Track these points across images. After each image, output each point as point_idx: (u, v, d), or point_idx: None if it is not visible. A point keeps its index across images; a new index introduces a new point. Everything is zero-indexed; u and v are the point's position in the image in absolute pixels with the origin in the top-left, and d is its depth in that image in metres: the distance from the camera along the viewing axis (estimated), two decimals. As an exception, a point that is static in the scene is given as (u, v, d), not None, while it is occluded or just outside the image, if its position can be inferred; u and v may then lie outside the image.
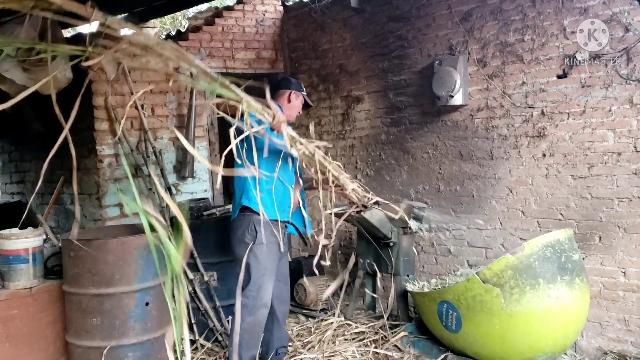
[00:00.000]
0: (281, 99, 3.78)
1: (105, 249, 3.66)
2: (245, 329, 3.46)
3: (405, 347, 4.04)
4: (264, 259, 3.56)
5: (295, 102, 3.81)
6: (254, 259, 3.54)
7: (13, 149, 6.12)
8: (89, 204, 4.85)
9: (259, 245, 3.54)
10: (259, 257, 3.55)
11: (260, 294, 3.53)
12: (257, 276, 3.54)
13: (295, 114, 3.88)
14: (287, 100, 3.80)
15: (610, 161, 3.83)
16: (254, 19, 5.80)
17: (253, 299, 3.52)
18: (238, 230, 3.61)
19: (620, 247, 3.81)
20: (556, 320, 3.35)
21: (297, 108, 3.85)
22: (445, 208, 4.74)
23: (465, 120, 4.57)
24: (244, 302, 3.48)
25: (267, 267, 3.57)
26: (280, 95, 3.80)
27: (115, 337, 3.68)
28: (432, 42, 4.75)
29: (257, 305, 3.52)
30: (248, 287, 3.53)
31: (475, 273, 3.49)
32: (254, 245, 3.53)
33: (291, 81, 3.90)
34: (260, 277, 3.55)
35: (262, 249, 3.55)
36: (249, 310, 3.50)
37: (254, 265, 3.54)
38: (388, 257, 4.39)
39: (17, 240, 3.86)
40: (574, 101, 3.96)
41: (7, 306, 3.80)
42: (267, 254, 3.57)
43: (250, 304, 3.51)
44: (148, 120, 4.90)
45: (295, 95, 3.81)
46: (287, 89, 3.81)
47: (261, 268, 3.55)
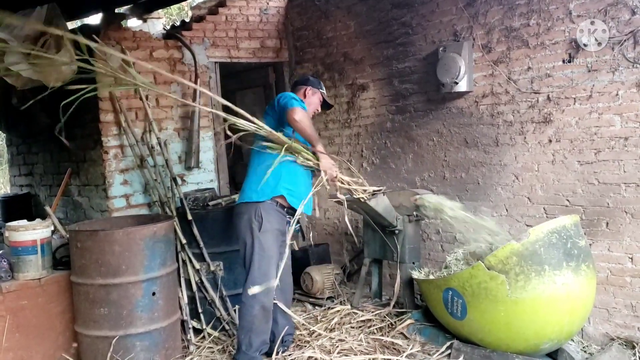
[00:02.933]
0: (298, 95, 3.92)
1: (112, 239, 3.69)
2: (255, 316, 3.61)
3: (411, 335, 4.05)
4: (269, 247, 3.63)
5: (311, 98, 3.97)
6: (259, 246, 3.62)
7: (21, 142, 6.16)
8: (96, 195, 4.88)
9: (265, 233, 3.61)
10: (263, 244, 3.62)
11: (267, 282, 3.60)
12: (262, 263, 3.62)
13: (313, 111, 4.02)
14: (303, 96, 3.95)
15: (617, 146, 3.79)
16: (258, 7, 5.78)
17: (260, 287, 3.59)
18: (244, 215, 3.67)
19: (627, 232, 3.78)
20: (562, 307, 3.33)
21: (313, 105, 4.00)
22: (450, 195, 4.72)
23: (470, 107, 4.54)
24: (253, 290, 3.57)
25: (271, 254, 3.64)
26: (297, 90, 3.99)
27: (123, 327, 3.72)
28: (436, 28, 4.71)
29: (264, 291, 3.59)
30: (254, 274, 3.61)
31: (480, 260, 3.48)
32: (259, 232, 3.61)
33: (309, 79, 4.09)
34: (266, 264, 3.62)
35: (267, 236, 3.62)
36: (257, 298, 3.58)
37: (259, 253, 3.61)
38: (394, 244, 4.39)
39: (25, 231, 3.90)
40: (580, 86, 3.91)
41: (16, 297, 3.84)
42: (271, 240, 3.64)
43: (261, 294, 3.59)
44: (153, 111, 4.91)
45: (312, 91, 3.99)
46: (303, 85, 4.00)
47: (266, 255, 3.63)
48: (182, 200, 4.63)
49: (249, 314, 3.61)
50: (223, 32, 5.53)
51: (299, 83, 4.08)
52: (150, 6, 5.43)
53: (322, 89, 4.06)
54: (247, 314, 3.63)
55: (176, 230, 4.34)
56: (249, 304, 3.62)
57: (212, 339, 4.30)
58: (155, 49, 5.03)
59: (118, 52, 4.77)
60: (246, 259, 3.68)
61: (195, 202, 4.74)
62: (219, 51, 5.50)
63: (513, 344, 3.46)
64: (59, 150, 5.38)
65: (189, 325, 4.28)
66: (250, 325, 3.62)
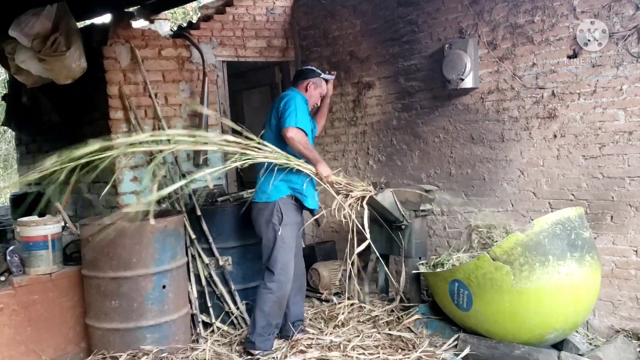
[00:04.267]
0: (300, 89, 4.12)
1: (123, 233, 3.74)
2: (275, 301, 3.92)
3: (418, 328, 4.08)
4: (289, 239, 3.92)
5: (313, 92, 4.14)
6: (281, 240, 3.88)
7: (30, 140, 6.22)
8: (106, 192, 4.93)
9: (285, 227, 3.88)
10: (284, 238, 3.89)
11: (287, 271, 3.92)
12: (283, 255, 3.89)
13: (313, 104, 4.21)
14: (305, 90, 4.12)
15: (621, 140, 3.82)
16: (265, 7, 5.84)
17: (282, 275, 3.89)
18: (265, 211, 3.93)
19: (632, 226, 3.81)
20: (566, 297, 3.37)
21: (314, 98, 4.19)
22: (456, 191, 4.76)
23: (476, 104, 4.58)
24: (274, 279, 3.89)
25: (291, 246, 3.93)
26: (299, 84, 4.15)
27: (134, 319, 3.78)
28: (442, 25, 4.76)
29: (285, 280, 3.91)
30: (276, 266, 3.88)
31: (485, 251, 3.52)
32: (281, 226, 3.88)
33: (313, 70, 4.23)
34: (287, 256, 3.90)
35: (287, 230, 3.90)
36: (278, 286, 3.89)
37: (280, 246, 3.89)
38: (400, 240, 4.42)
39: (36, 227, 3.97)
40: (585, 81, 3.95)
41: (28, 291, 3.91)
42: (290, 233, 3.92)
43: (282, 279, 3.90)
44: (162, 109, 4.97)
45: (314, 85, 4.15)
46: (306, 79, 4.15)
47: (287, 247, 3.90)
48: (191, 196, 4.69)
49: (269, 300, 3.88)
50: (230, 32, 5.59)
51: (301, 76, 4.19)
52: (157, 7, 5.50)
53: (320, 73, 4.20)
54: (267, 299, 3.89)
55: (185, 225, 4.39)
56: (268, 290, 3.90)
57: (220, 333, 4.34)
58: (163, 47, 5.09)
59: (127, 50, 4.85)
60: (267, 250, 3.95)
61: (204, 198, 4.80)
62: (227, 50, 5.56)
63: (518, 334, 3.49)
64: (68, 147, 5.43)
65: (198, 319, 4.33)
66: (269, 310, 3.89)
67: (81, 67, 4.41)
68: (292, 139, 3.78)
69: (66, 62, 4.31)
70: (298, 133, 3.80)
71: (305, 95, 4.09)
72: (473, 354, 3.62)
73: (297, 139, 3.78)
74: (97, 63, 4.72)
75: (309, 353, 3.78)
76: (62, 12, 4.34)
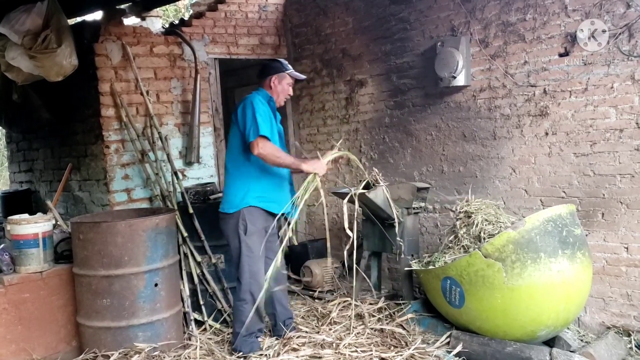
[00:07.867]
0: (265, 87, 3.92)
1: (114, 231, 3.73)
2: (251, 311, 3.78)
3: (410, 326, 4.09)
4: (256, 247, 3.79)
5: (278, 86, 3.91)
6: (247, 249, 3.79)
7: (21, 138, 6.19)
8: (97, 190, 4.91)
9: (251, 236, 3.78)
10: (251, 246, 3.79)
11: (257, 279, 3.81)
12: (251, 264, 3.81)
13: (284, 98, 3.98)
14: (269, 87, 3.92)
15: (612, 138, 3.84)
16: (257, 4, 5.82)
17: (252, 284, 3.80)
18: (230, 220, 3.82)
19: (622, 223, 3.83)
20: (558, 293, 3.38)
21: (283, 92, 3.95)
22: (449, 189, 4.77)
23: (468, 101, 4.59)
24: (245, 289, 3.81)
25: (258, 255, 3.81)
26: (263, 84, 3.94)
27: (125, 318, 3.76)
28: (434, 23, 4.76)
29: (256, 289, 3.79)
30: (244, 275, 3.80)
31: (477, 248, 3.53)
32: (245, 236, 3.77)
33: (272, 66, 3.96)
34: (255, 265, 3.81)
35: (254, 239, 3.79)
36: (251, 296, 3.80)
37: (247, 255, 3.79)
38: (393, 237, 4.43)
39: (27, 225, 3.94)
40: (576, 79, 3.97)
41: (18, 290, 3.88)
42: (257, 241, 3.80)
43: (253, 288, 3.80)
44: (153, 107, 4.95)
45: (278, 79, 3.91)
46: (267, 76, 3.92)
47: (254, 256, 3.80)
48: (183, 194, 4.68)
49: (247, 311, 3.80)
50: (222, 29, 5.58)
51: (262, 75, 3.94)
52: (149, 4, 5.46)
53: (288, 69, 3.95)
54: (244, 311, 3.81)
55: (178, 223, 4.37)
56: (243, 302, 3.83)
57: (213, 331, 4.34)
58: (155, 44, 5.07)
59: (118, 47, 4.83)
60: (235, 260, 3.88)
61: (196, 196, 4.78)
62: (219, 47, 5.54)
63: (510, 330, 3.51)
64: (59, 145, 5.41)
65: (190, 317, 4.32)
66: (247, 320, 3.78)
67: (72, 64, 4.38)
68: (262, 156, 3.62)
69: (57, 59, 4.28)
70: (265, 146, 3.61)
71: (270, 93, 3.90)
72: (465, 351, 3.63)
73: (265, 153, 3.60)
74: (88, 60, 4.69)
75: (302, 351, 3.78)
76: (53, 9, 4.31)
